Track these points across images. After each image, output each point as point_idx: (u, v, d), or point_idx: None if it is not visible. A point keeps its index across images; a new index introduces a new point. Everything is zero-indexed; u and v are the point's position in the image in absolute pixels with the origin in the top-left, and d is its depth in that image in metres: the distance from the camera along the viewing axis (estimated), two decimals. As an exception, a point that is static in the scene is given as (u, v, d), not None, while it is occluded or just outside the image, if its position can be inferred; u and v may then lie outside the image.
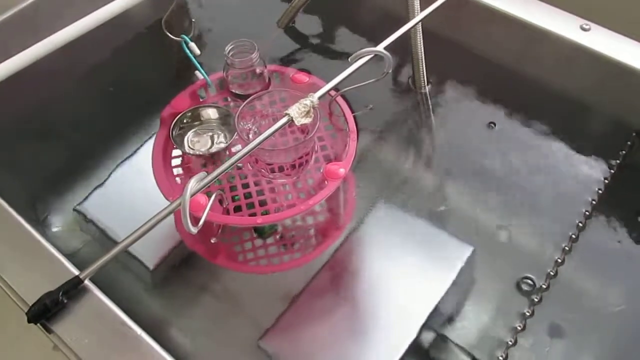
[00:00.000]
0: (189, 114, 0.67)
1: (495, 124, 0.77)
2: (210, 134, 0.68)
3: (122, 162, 0.75)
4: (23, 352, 0.56)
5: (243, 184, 0.63)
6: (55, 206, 0.73)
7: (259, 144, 0.54)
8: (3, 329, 0.53)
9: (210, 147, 0.66)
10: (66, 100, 0.82)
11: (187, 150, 0.66)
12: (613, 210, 0.69)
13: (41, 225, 0.71)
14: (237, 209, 0.61)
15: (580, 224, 0.68)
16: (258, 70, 0.68)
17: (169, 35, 0.66)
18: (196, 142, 0.67)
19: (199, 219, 0.53)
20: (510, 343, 0.61)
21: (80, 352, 0.50)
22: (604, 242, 0.68)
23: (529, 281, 0.65)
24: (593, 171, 0.72)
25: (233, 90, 0.69)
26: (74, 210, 0.71)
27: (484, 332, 0.62)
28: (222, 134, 0.68)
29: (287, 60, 0.86)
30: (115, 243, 0.64)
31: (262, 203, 0.62)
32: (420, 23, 0.71)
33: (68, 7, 0.76)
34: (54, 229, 0.71)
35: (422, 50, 0.76)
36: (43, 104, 0.80)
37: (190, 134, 0.67)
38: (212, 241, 0.64)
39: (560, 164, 0.73)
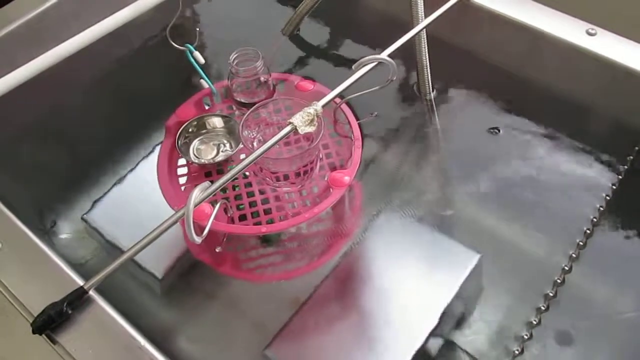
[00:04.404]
0: (195, 123, 0.68)
1: (500, 130, 0.77)
2: (216, 142, 0.68)
3: (128, 171, 0.75)
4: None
5: (248, 192, 0.64)
6: (63, 215, 0.73)
7: (263, 152, 0.54)
8: (11, 338, 0.53)
9: (216, 156, 0.66)
10: (72, 110, 0.82)
11: (193, 159, 0.66)
12: (621, 216, 0.69)
13: (49, 234, 0.71)
14: (242, 217, 0.62)
15: (588, 231, 0.67)
16: (262, 79, 0.68)
17: (174, 44, 0.66)
18: (202, 151, 0.67)
19: (204, 228, 0.53)
20: (517, 352, 0.60)
21: (85, 363, 0.50)
22: (611, 248, 0.67)
23: (536, 289, 0.65)
24: (600, 177, 0.72)
25: (238, 99, 0.70)
26: (82, 219, 0.71)
27: (491, 340, 0.62)
28: (228, 143, 0.68)
29: (292, 68, 0.86)
30: (121, 252, 0.64)
31: (267, 211, 0.62)
32: (424, 29, 0.71)
33: (73, 18, 0.77)
34: (63, 238, 0.71)
35: (427, 57, 0.76)
36: (49, 113, 0.81)
37: (195, 142, 0.68)
38: (217, 250, 0.64)
39: (566, 170, 0.73)
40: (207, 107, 0.72)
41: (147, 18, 0.79)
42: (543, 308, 0.63)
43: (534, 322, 0.62)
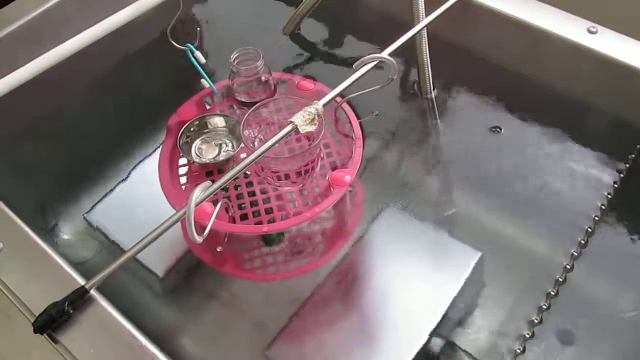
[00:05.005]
0: (197, 122, 0.68)
1: (501, 128, 0.77)
2: (218, 142, 0.68)
3: (129, 170, 0.76)
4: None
5: (249, 191, 0.64)
6: (65, 214, 0.74)
7: (264, 152, 0.54)
8: (12, 337, 0.54)
9: (217, 156, 0.66)
10: (73, 110, 0.82)
11: (195, 159, 0.66)
12: (622, 214, 0.69)
13: (50, 234, 0.71)
14: (244, 217, 0.62)
15: (590, 229, 0.67)
16: (263, 78, 0.68)
17: (175, 44, 0.66)
18: (204, 151, 0.67)
19: (205, 228, 0.53)
20: (518, 351, 0.60)
21: (86, 362, 0.50)
22: (613, 247, 0.67)
23: (538, 287, 0.64)
24: (602, 175, 0.72)
25: (239, 98, 0.70)
26: (83, 218, 0.71)
27: (493, 339, 0.62)
28: (230, 143, 0.68)
29: (293, 67, 0.86)
30: (122, 251, 0.64)
31: (269, 211, 0.62)
32: (425, 28, 0.71)
33: (74, 18, 0.77)
34: (64, 238, 0.71)
35: (428, 56, 0.76)
36: (51, 113, 0.81)
37: (197, 142, 0.68)
38: (218, 250, 0.64)
39: (568, 168, 0.73)
40: (208, 107, 0.72)
41: (148, 18, 0.79)
42: (544, 307, 0.62)
43: (536, 321, 0.62)
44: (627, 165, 0.72)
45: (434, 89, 0.80)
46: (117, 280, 0.59)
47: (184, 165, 0.67)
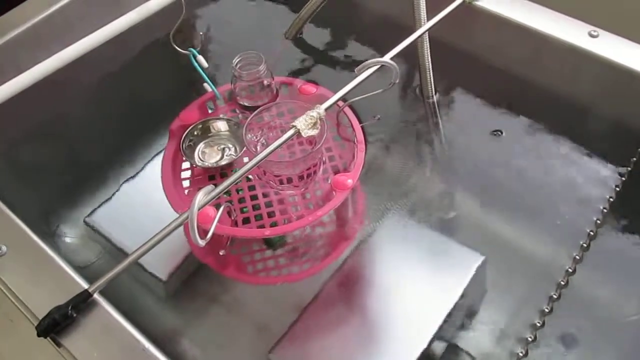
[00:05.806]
0: (200, 126, 0.68)
1: (502, 132, 0.77)
2: (222, 146, 0.68)
3: (132, 174, 0.76)
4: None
5: (251, 195, 0.64)
6: (68, 218, 0.74)
7: (266, 156, 0.54)
8: (16, 340, 0.54)
9: (220, 160, 0.67)
10: (76, 114, 0.82)
11: (197, 163, 0.66)
12: (624, 218, 0.69)
13: (54, 237, 0.71)
14: (246, 220, 0.62)
15: (592, 232, 0.67)
16: (265, 82, 0.68)
17: (177, 48, 0.66)
18: (207, 155, 0.67)
19: (208, 231, 0.53)
20: (521, 354, 0.60)
21: (90, 366, 0.50)
22: (615, 250, 0.68)
23: (540, 291, 0.65)
24: (604, 179, 0.72)
25: (241, 102, 0.70)
26: (86, 222, 0.72)
27: (495, 342, 0.62)
28: (233, 147, 0.68)
29: (295, 72, 0.87)
30: (125, 255, 0.64)
31: (271, 214, 0.62)
32: (427, 32, 0.71)
33: (77, 22, 0.77)
34: (67, 241, 0.72)
35: (429, 60, 0.76)
36: (54, 117, 0.81)
37: (201, 146, 0.68)
38: (221, 253, 0.64)
39: (570, 171, 0.73)
40: (210, 111, 0.72)
41: (151, 22, 0.79)
42: (547, 310, 0.63)
43: (538, 324, 0.62)
44: (629, 169, 0.72)
45: (435, 93, 0.80)
46: (120, 283, 0.59)
47: (186, 169, 0.67)
